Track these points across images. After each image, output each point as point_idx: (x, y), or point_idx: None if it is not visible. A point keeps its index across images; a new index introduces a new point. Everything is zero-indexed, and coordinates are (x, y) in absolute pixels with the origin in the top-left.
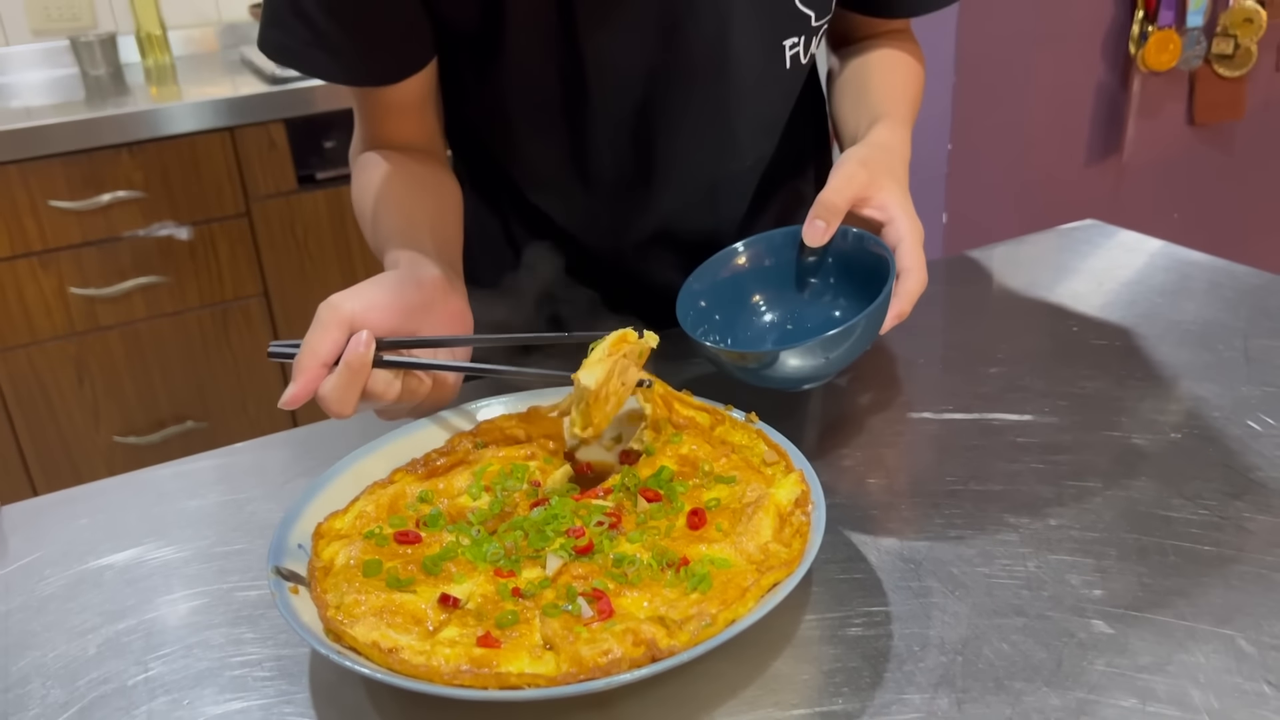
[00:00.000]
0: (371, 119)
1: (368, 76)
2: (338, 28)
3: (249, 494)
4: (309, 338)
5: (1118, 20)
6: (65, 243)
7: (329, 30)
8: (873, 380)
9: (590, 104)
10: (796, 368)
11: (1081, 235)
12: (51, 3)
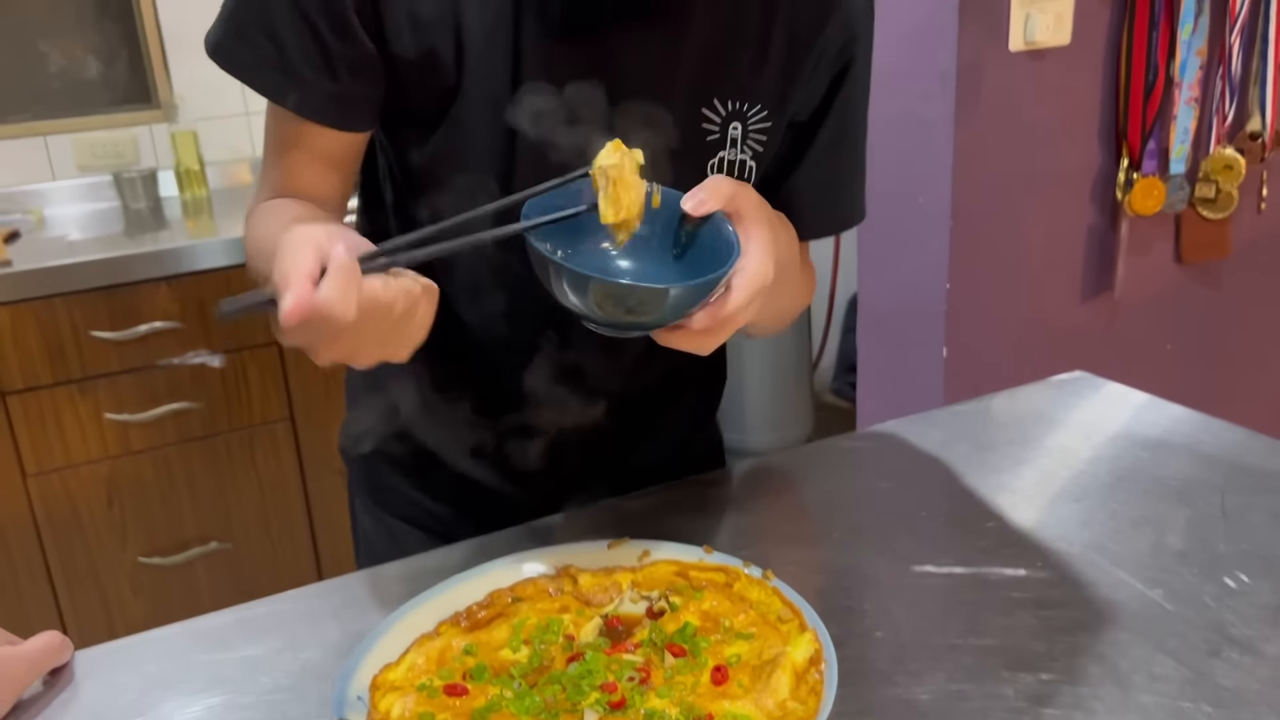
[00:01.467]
0: (296, 166)
1: (320, 113)
2: (307, 58)
3: (303, 641)
4: (283, 261)
5: (1105, 168)
6: (104, 370)
7: (298, 58)
8: (879, 532)
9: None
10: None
11: (1071, 387)
12: (97, 140)
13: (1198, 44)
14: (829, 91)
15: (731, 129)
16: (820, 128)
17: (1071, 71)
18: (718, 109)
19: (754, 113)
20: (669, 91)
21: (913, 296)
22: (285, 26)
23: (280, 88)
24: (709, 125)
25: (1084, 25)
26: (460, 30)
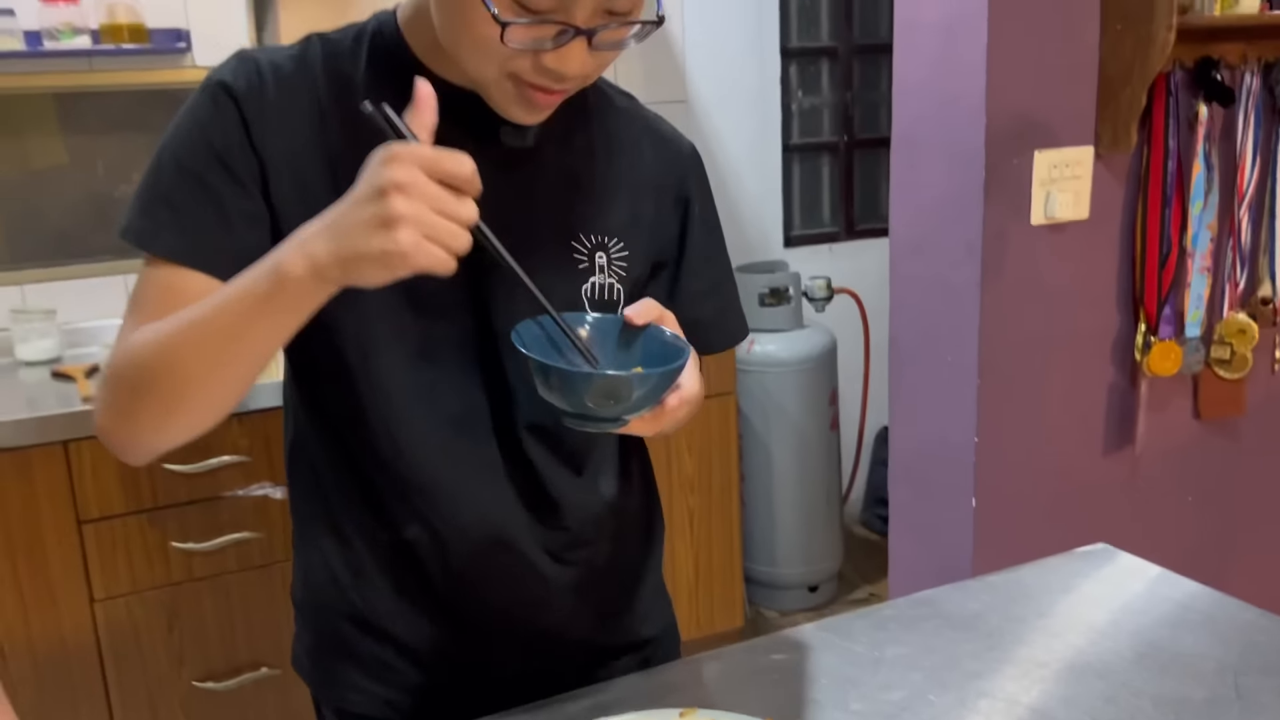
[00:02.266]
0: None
1: (211, 263)
2: (203, 215)
3: None
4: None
5: (1123, 331)
6: (173, 501)
7: (194, 215)
8: (913, 701)
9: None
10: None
11: (1093, 560)
12: None
13: (1208, 218)
14: (680, 231)
15: (598, 258)
16: (682, 263)
17: (1090, 243)
18: (583, 241)
19: (613, 244)
20: (536, 230)
21: (943, 447)
22: (181, 191)
23: (174, 245)
24: (578, 256)
25: (1101, 201)
26: (338, 189)
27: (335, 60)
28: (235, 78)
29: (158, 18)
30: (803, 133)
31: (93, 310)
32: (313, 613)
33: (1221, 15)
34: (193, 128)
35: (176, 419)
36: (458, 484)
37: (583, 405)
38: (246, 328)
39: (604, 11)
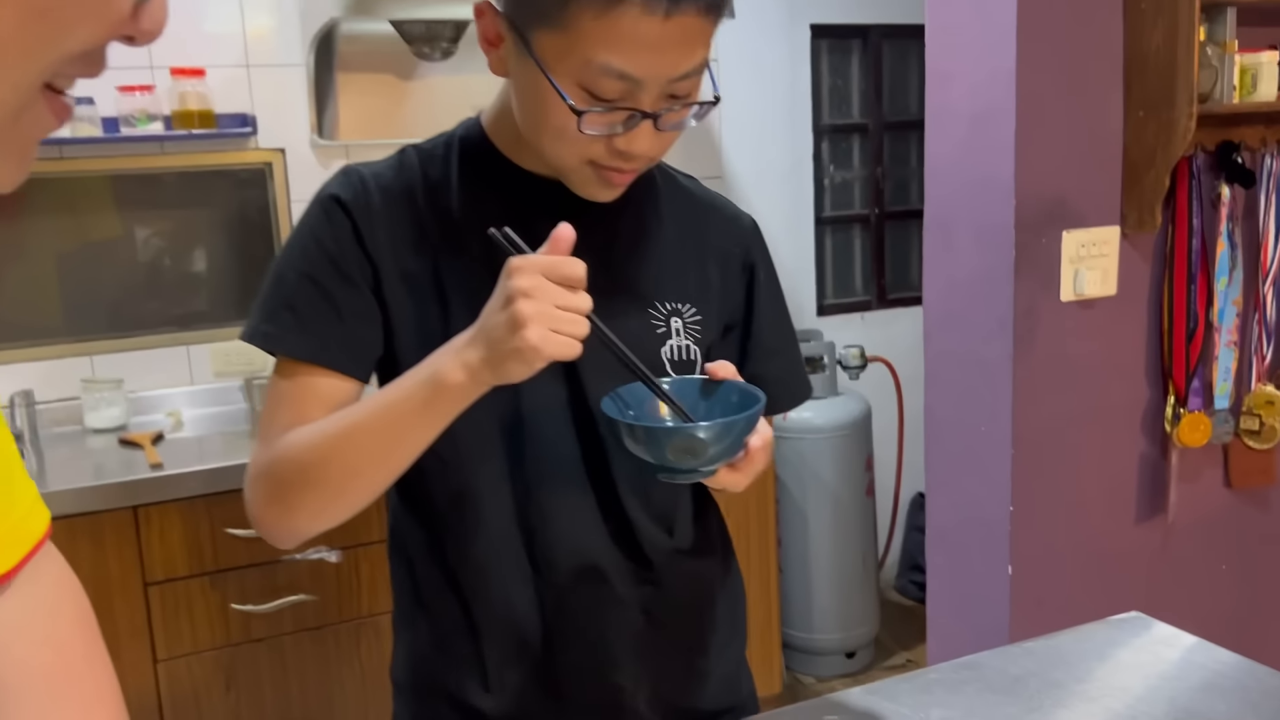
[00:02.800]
0: (305, 412)
1: (332, 359)
2: (319, 313)
3: None
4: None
5: (1153, 403)
6: (234, 564)
7: (310, 316)
8: None
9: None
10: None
11: (1129, 628)
12: (232, 349)
13: (1234, 294)
14: (747, 296)
15: (673, 322)
16: (750, 325)
17: (1118, 318)
18: (659, 307)
19: (687, 309)
20: (617, 298)
21: (978, 516)
22: (301, 297)
23: (302, 345)
24: (656, 321)
25: (1128, 278)
26: (441, 284)
27: (430, 166)
28: (344, 190)
29: (225, 104)
30: (835, 205)
31: (157, 380)
32: (410, 692)
33: (1241, 102)
34: (308, 239)
35: (336, 510)
36: (552, 546)
37: (666, 458)
38: (407, 430)
39: (667, 96)
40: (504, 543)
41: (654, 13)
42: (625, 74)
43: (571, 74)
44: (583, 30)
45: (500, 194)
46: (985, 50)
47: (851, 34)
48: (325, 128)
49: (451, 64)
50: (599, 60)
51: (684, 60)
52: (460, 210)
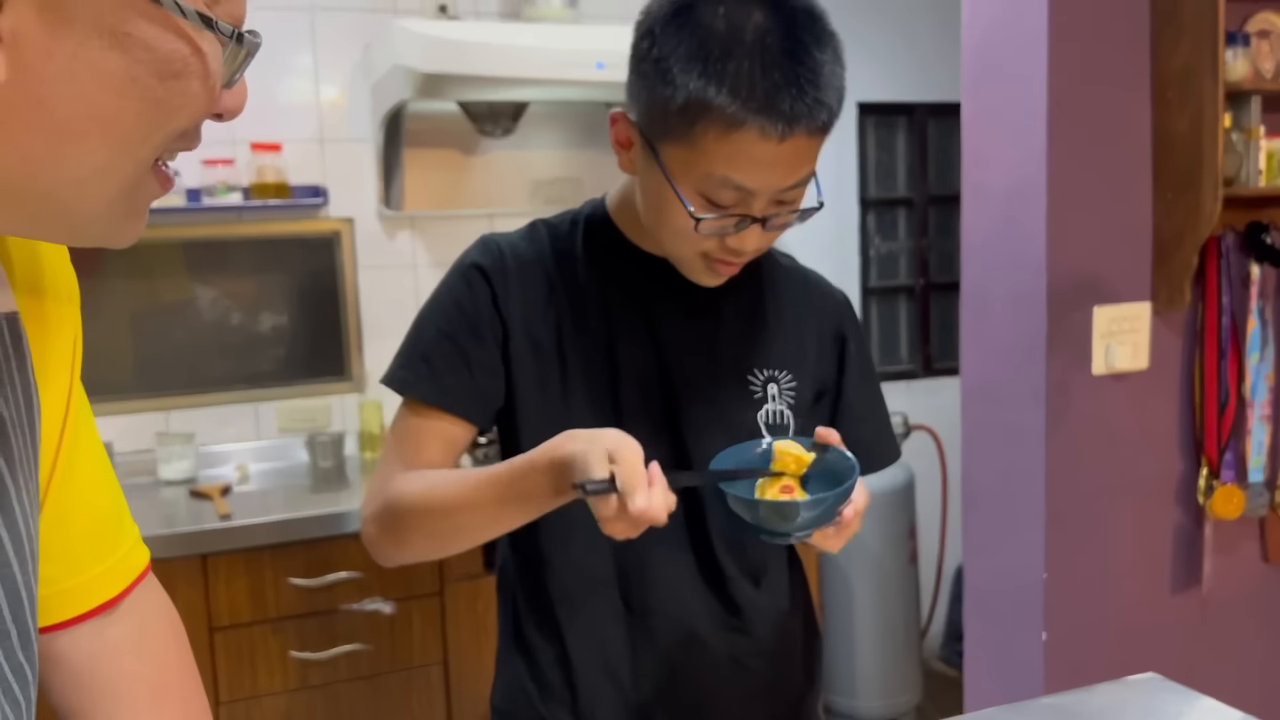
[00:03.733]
0: (424, 451)
1: (457, 405)
2: (451, 366)
3: None
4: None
5: (1186, 475)
6: (294, 612)
7: (443, 368)
8: None
9: None
10: (789, 511)
11: (1144, 687)
12: (297, 407)
13: (1266, 370)
14: (839, 364)
15: (770, 388)
16: (842, 392)
17: (1151, 392)
18: (757, 375)
19: (783, 376)
20: (718, 366)
21: (1014, 582)
22: (437, 351)
23: (434, 393)
24: (753, 387)
25: (1160, 352)
26: (563, 349)
27: (558, 241)
28: (484, 258)
29: (299, 176)
30: (881, 276)
31: (226, 434)
32: (507, 719)
33: (1268, 185)
34: (449, 301)
35: (439, 553)
36: (647, 591)
37: (762, 521)
38: (509, 516)
39: (775, 203)
40: (601, 586)
41: (770, 136)
42: (741, 186)
43: (693, 183)
44: (706, 148)
45: (620, 271)
46: (1018, 133)
47: (897, 111)
48: (392, 199)
49: (512, 140)
50: (719, 174)
51: (793, 174)
52: (584, 283)
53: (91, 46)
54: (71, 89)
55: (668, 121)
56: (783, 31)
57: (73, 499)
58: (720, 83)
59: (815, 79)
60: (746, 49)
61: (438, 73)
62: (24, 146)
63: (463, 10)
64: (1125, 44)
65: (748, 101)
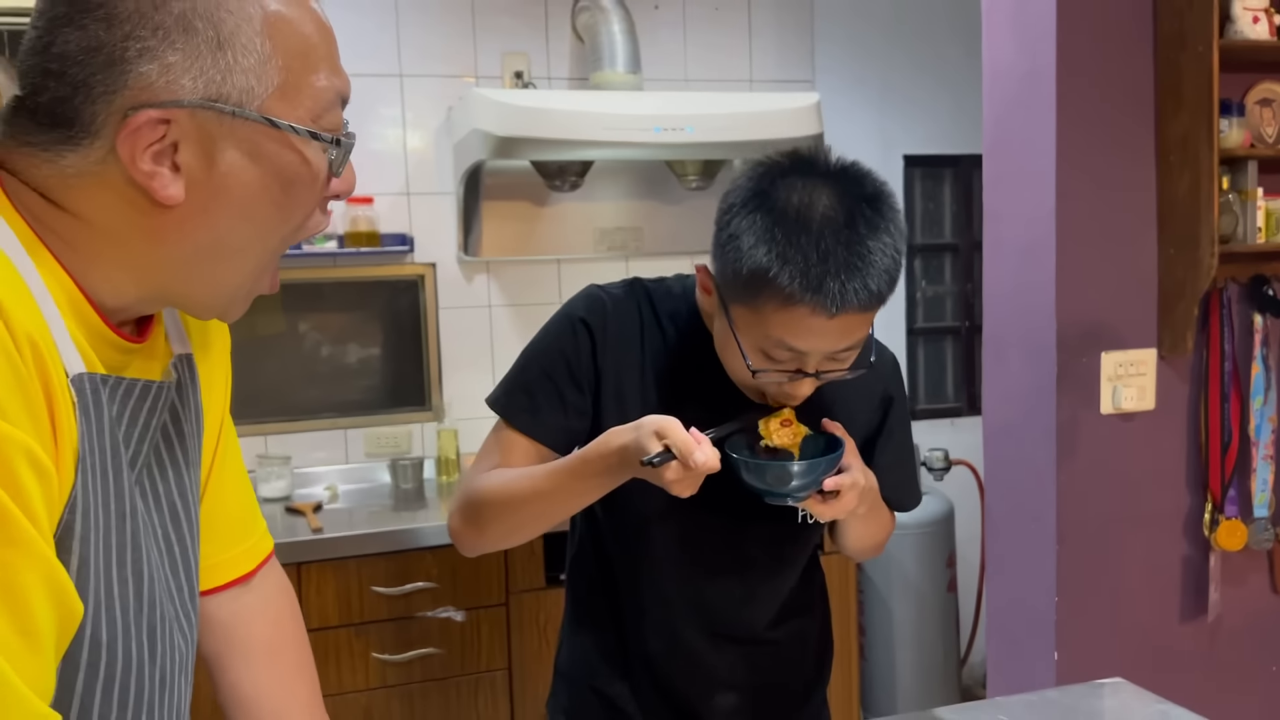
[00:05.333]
0: (509, 461)
1: (546, 438)
2: (549, 404)
3: None
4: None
5: (1193, 509)
6: (376, 618)
7: (543, 405)
8: None
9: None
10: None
11: (1110, 689)
12: (382, 434)
13: (1269, 412)
14: (881, 421)
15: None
16: (878, 445)
17: (1157, 430)
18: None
19: None
20: None
21: (1028, 604)
22: (537, 386)
23: (529, 425)
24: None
25: (1165, 394)
26: (646, 407)
27: (655, 310)
28: (589, 315)
29: (388, 225)
30: (927, 318)
31: (318, 458)
32: (567, 680)
33: (1266, 242)
34: (553, 345)
35: (513, 540)
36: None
37: (766, 484)
38: (579, 499)
39: (827, 360)
40: (654, 583)
41: (820, 314)
42: (795, 349)
43: (755, 340)
44: (766, 315)
45: (701, 364)
46: (1030, 193)
47: (943, 164)
48: (470, 246)
49: (579, 194)
50: (775, 336)
51: (843, 342)
52: (666, 358)
53: (236, 166)
54: (225, 199)
55: (736, 286)
56: (844, 220)
57: (221, 494)
58: (782, 263)
59: (866, 267)
60: (808, 235)
61: (512, 136)
62: (195, 241)
63: (536, 78)
64: (1131, 113)
65: (803, 283)
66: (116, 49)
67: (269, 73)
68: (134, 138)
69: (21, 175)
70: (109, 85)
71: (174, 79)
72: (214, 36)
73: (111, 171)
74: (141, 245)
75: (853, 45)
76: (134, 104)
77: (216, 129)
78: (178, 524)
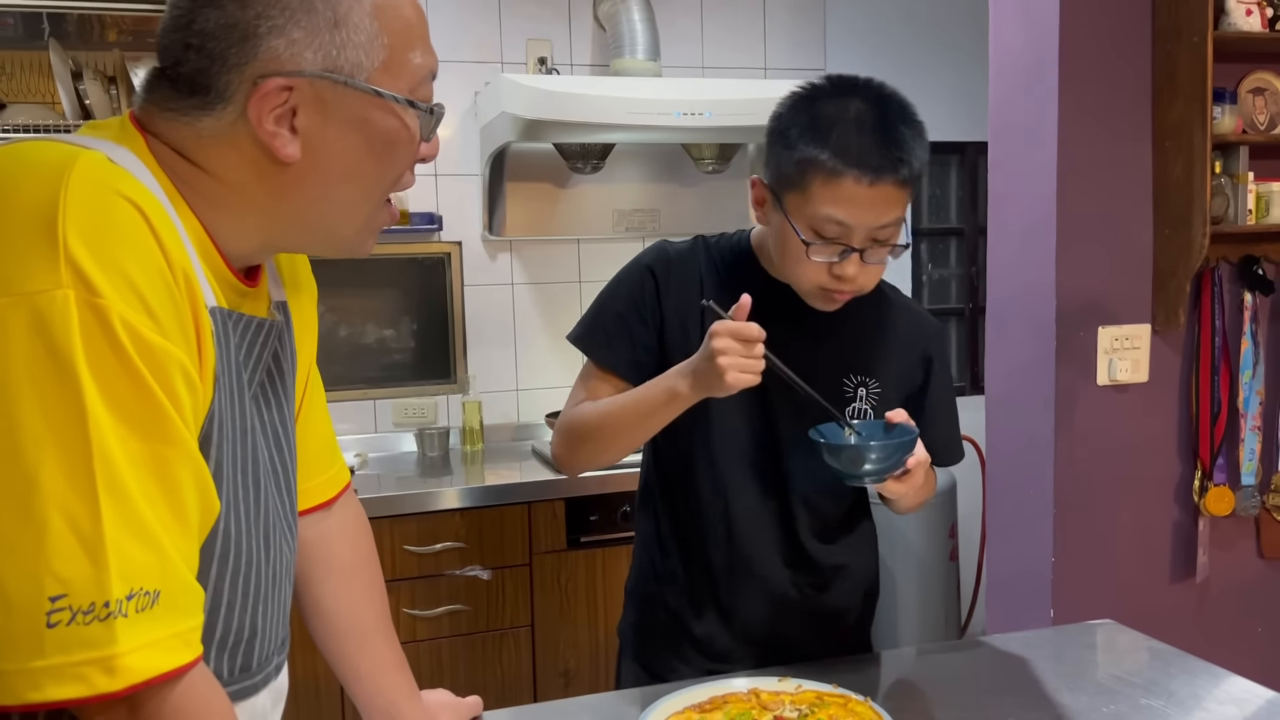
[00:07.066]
0: (597, 392)
1: (620, 370)
2: (622, 340)
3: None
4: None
5: (1184, 476)
6: (407, 575)
7: (617, 341)
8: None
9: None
10: (860, 456)
11: (1104, 631)
12: (409, 404)
13: (1257, 385)
14: (924, 380)
15: (859, 390)
16: (924, 402)
17: (1150, 401)
18: (850, 379)
19: (872, 383)
20: (821, 368)
21: (1026, 568)
22: (612, 325)
23: (605, 357)
24: (846, 389)
25: (1159, 367)
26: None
27: (712, 258)
28: (655, 263)
29: (417, 204)
30: (933, 299)
31: (349, 427)
32: (636, 600)
33: (1257, 224)
34: (623, 289)
35: (603, 459)
36: (746, 528)
37: (845, 467)
38: (648, 419)
39: (871, 239)
40: (711, 515)
41: (861, 182)
42: (841, 221)
43: (805, 220)
44: (814, 193)
45: (751, 290)
46: (1032, 176)
47: (950, 150)
48: (494, 225)
49: (599, 176)
50: (824, 212)
51: (883, 215)
52: (724, 295)
53: (345, 130)
54: (335, 158)
55: (789, 176)
56: (877, 114)
57: (309, 426)
58: (825, 145)
59: (899, 144)
60: (845, 122)
61: (540, 119)
62: (310, 195)
63: (559, 64)
64: (1129, 101)
65: (844, 157)
66: (250, 26)
67: (376, 49)
68: (262, 102)
69: (163, 137)
70: (242, 57)
71: (298, 52)
72: (331, 16)
73: (240, 133)
74: (265, 198)
75: (862, 34)
76: (262, 73)
77: (330, 96)
78: (279, 448)
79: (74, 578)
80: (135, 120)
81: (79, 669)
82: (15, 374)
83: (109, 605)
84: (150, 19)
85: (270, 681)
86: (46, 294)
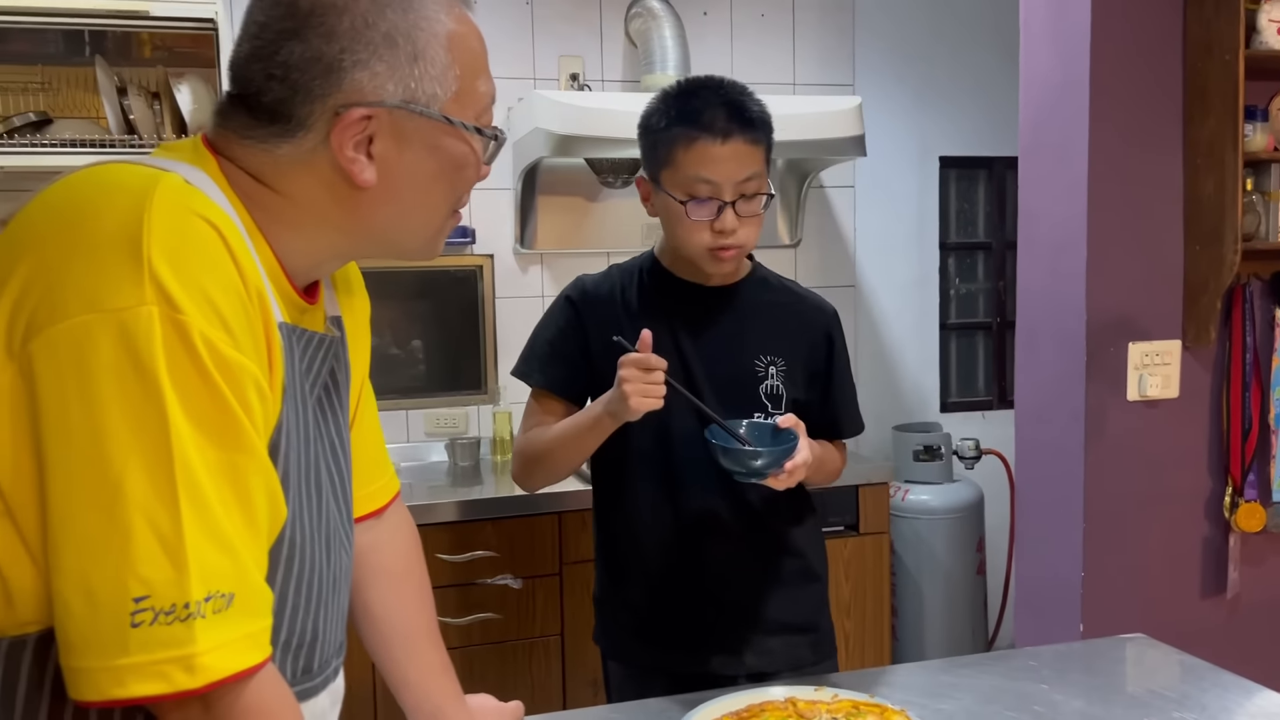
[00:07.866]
0: (544, 419)
1: (562, 390)
2: (554, 363)
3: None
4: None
5: (1214, 491)
6: (439, 583)
7: (551, 365)
8: None
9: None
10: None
11: (1134, 644)
12: (441, 414)
13: None
14: (827, 357)
15: (770, 369)
16: (829, 379)
17: (1180, 417)
18: (761, 359)
19: (779, 361)
20: (732, 351)
21: (1056, 579)
22: (545, 353)
23: (541, 381)
24: (758, 366)
25: (1189, 383)
26: (625, 352)
27: (623, 278)
28: (574, 293)
29: None
30: (960, 314)
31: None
32: (599, 605)
33: None
34: (552, 320)
35: (554, 478)
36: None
37: (733, 466)
38: (584, 441)
39: (739, 193)
40: (655, 509)
41: (715, 141)
42: (707, 179)
43: (680, 186)
44: (679, 162)
45: (663, 298)
46: (1064, 192)
47: (977, 165)
48: (526, 239)
49: (629, 190)
50: (690, 173)
51: (742, 169)
52: (637, 304)
53: (419, 156)
54: (408, 181)
55: (659, 157)
56: (721, 92)
57: (361, 438)
58: (681, 121)
59: (741, 110)
60: (698, 103)
61: (573, 134)
62: (384, 214)
63: (590, 80)
64: (1161, 116)
65: (697, 124)
66: (335, 59)
67: (449, 80)
68: (344, 131)
69: (238, 161)
70: (326, 89)
71: (380, 84)
72: (411, 50)
73: (318, 158)
74: (340, 217)
75: (891, 51)
76: (344, 103)
77: (407, 124)
78: (337, 458)
79: (157, 580)
80: (207, 143)
81: (161, 667)
82: (103, 386)
83: (189, 606)
84: (187, 36)
85: (329, 683)
86: (132, 310)
